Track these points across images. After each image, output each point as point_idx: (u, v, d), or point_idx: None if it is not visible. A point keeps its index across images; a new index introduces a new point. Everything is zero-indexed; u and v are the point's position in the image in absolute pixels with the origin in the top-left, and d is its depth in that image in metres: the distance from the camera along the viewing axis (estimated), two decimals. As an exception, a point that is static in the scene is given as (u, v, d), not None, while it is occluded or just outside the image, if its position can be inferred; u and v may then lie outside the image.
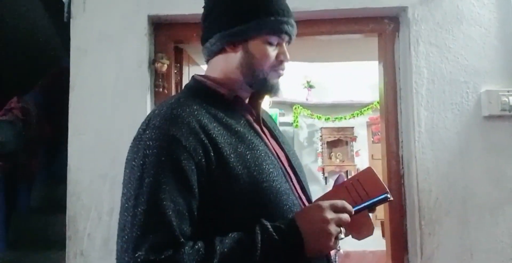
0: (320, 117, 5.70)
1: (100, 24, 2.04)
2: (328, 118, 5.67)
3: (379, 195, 1.05)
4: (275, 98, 5.57)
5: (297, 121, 5.73)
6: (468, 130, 1.97)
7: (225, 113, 1.09)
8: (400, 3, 2.04)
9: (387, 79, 2.14)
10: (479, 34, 2.00)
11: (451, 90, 1.98)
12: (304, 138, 5.91)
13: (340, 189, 1.10)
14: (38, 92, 3.55)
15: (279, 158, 1.14)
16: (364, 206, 1.05)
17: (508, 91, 1.94)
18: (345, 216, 1.00)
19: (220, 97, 1.13)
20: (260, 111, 1.20)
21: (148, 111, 1.96)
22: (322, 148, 5.75)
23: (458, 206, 1.94)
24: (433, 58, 2.00)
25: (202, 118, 1.02)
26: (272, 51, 1.12)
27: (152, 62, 2.07)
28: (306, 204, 1.12)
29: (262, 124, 1.19)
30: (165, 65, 2.08)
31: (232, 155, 1.00)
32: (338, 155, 5.73)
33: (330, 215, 0.98)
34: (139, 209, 0.92)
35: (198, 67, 2.73)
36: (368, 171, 1.11)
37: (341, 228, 0.99)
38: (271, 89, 1.14)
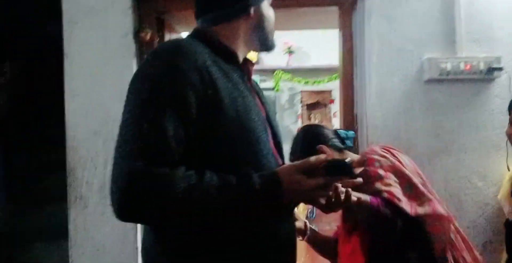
0: (300, 81, 5.93)
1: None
2: (308, 82, 5.92)
3: None
4: (255, 67, 5.71)
5: (278, 85, 5.96)
6: (411, 92, 2.27)
7: (225, 63, 1.16)
8: (356, -21, 2.30)
9: (346, 46, 2.43)
10: (423, 8, 2.27)
11: (397, 58, 2.27)
12: (285, 100, 6.16)
13: None
14: (24, 58, 3.69)
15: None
16: None
17: (446, 58, 2.24)
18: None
19: (223, 51, 1.18)
20: (252, 72, 1.29)
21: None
22: (302, 110, 6.02)
23: (400, 156, 2.27)
24: (382, 29, 2.27)
25: (205, 59, 1.08)
26: None
27: (137, 32, 2.33)
28: (277, 156, 1.22)
29: (251, 84, 1.27)
30: (149, 34, 2.34)
31: (226, 98, 1.07)
32: (317, 116, 6.02)
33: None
34: (144, 127, 0.98)
35: (178, 35, 2.97)
36: None
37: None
38: (272, 47, 1.32)
